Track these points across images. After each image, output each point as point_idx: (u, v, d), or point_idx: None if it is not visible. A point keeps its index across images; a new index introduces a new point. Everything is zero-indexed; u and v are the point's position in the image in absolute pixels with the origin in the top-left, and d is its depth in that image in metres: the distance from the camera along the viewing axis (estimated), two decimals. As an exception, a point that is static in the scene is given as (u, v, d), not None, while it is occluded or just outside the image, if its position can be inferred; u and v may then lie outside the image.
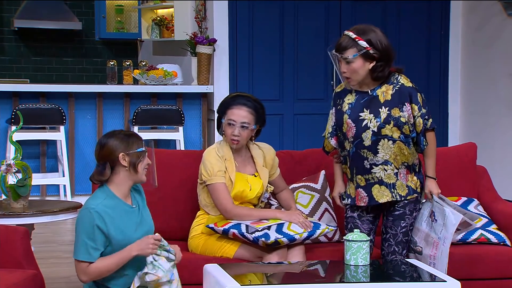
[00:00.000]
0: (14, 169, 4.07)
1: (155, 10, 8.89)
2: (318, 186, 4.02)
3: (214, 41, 7.28)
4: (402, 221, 3.56)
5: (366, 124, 3.50)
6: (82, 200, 5.69)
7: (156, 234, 3.12)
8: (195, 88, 7.42)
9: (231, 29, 7.34)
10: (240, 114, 3.70)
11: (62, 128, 6.89)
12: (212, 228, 3.60)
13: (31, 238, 3.77)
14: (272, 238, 3.47)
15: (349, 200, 3.62)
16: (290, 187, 4.00)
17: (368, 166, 3.51)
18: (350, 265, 3.18)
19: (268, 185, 3.84)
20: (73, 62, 10.23)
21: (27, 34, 9.92)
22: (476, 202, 4.09)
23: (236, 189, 3.71)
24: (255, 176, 3.79)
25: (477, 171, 4.25)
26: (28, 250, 3.43)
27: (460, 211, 3.52)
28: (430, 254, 3.50)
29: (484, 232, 3.86)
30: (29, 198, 4.22)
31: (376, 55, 3.46)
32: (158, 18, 8.58)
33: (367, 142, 3.49)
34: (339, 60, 3.52)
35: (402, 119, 3.48)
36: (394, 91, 3.52)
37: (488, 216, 4.01)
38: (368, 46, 3.45)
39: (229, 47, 7.34)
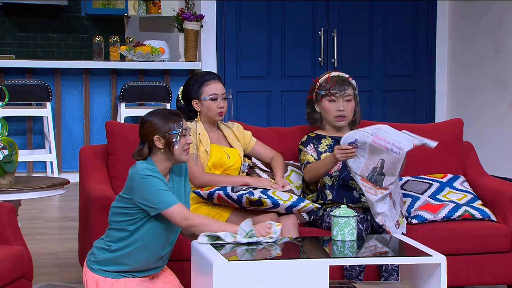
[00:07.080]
0: (0, 145, 4.05)
1: (141, -14, 8.82)
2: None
3: (202, 17, 7.24)
4: None
5: None
6: (69, 176, 5.69)
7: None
8: (182, 64, 7.39)
9: (219, 5, 7.30)
10: (218, 87, 3.80)
11: (48, 104, 6.86)
12: (197, 193, 3.62)
13: (18, 214, 3.76)
14: (256, 196, 3.51)
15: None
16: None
17: (358, 196, 3.73)
18: (337, 240, 3.20)
19: (246, 158, 3.87)
20: (59, 38, 10.16)
21: (12, 9, 9.83)
22: (462, 178, 4.10)
23: (214, 157, 3.75)
24: (232, 147, 3.84)
25: (464, 147, 4.27)
26: (15, 226, 3.42)
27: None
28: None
29: (469, 209, 3.88)
30: (16, 175, 4.21)
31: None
32: (145, -6, 8.51)
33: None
34: (336, 98, 3.64)
35: None
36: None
37: (473, 193, 4.03)
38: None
39: (216, 23, 7.30)
